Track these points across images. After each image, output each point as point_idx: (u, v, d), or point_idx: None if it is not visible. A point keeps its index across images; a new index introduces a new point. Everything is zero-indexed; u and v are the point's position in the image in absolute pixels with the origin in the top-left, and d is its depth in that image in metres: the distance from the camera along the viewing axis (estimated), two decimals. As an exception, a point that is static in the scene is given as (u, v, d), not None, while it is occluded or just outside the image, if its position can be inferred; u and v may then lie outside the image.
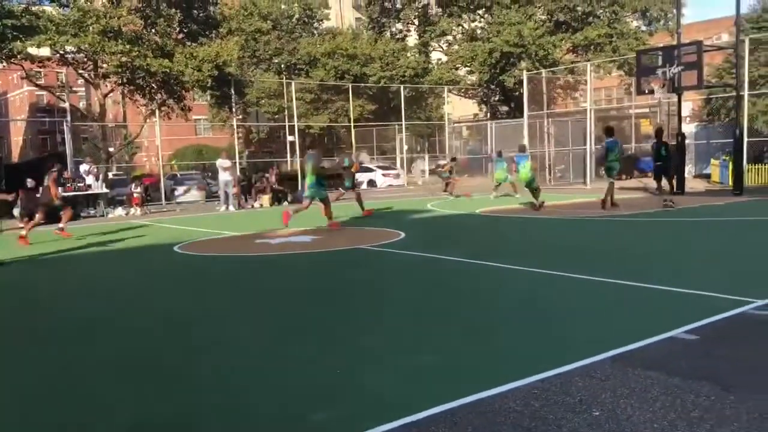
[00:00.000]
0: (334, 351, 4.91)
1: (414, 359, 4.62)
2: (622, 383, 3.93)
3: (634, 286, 6.71)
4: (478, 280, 7.64)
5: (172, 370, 4.65)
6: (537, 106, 28.84)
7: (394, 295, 6.94)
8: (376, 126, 35.67)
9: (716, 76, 26.79)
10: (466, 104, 42.93)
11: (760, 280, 6.85)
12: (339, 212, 14.74)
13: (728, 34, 32.45)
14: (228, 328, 5.80)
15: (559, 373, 4.13)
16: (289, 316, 6.15)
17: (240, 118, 36.18)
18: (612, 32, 31.96)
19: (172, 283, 8.37)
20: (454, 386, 3.97)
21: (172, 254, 10.86)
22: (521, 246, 10.62)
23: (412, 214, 16.31)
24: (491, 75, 33.34)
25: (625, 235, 11.50)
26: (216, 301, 7.09)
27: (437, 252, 9.57)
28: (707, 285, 6.48)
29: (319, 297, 7.02)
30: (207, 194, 26.60)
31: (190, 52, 24.85)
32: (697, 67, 18.30)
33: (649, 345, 4.64)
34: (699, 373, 4.04)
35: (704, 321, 5.17)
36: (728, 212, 14.11)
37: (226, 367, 4.64)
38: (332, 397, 3.96)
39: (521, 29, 30.88)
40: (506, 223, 14.22)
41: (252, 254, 10.45)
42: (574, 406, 3.62)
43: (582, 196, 19.81)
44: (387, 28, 39.23)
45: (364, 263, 9.23)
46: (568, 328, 5.30)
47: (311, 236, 12.42)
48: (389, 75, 35.27)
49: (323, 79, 34.97)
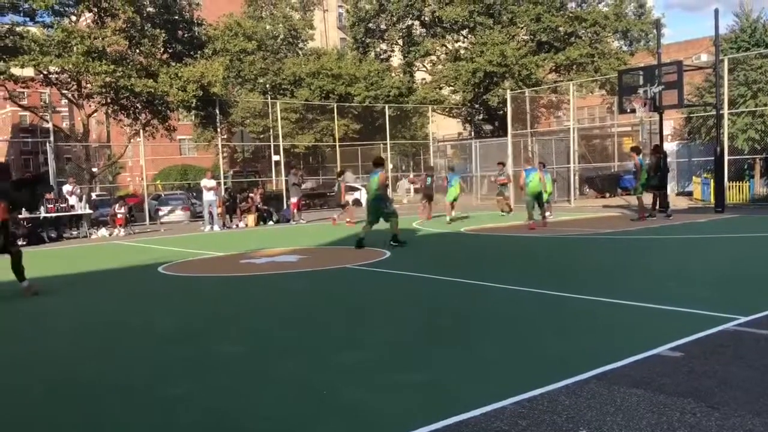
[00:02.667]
0: (318, 371, 4.89)
1: (400, 379, 4.61)
2: (608, 401, 3.94)
3: (618, 304, 6.74)
4: (464, 298, 7.65)
5: (149, 391, 4.59)
6: (521, 125, 29.09)
7: (380, 315, 6.92)
8: (361, 145, 35.79)
9: (696, 95, 27.14)
10: (450, 123, 43.19)
11: (743, 296, 6.91)
12: (322, 233, 14.71)
13: (707, 54, 33.01)
14: (211, 348, 5.76)
15: (546, 391, 4.13)
16: (273, 336, 6.11)
17: (225, 138, 36.16)
18: (594, 52, 32.38)
19: (155, 304, 8.30)
20: (441, 406, 3.96)
21: (156, 275, 10.78)
22: (506, 264, 10.65)
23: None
24: (475, 94, 33.62)
25: (610, 252, 11.57)
26: (199, 321, 7.03)
27: (422, 271, 9.58)
28: (691, 302, 6.53)
29: (304, 316, 6.99)
30: (191, 214, 26.47)
31: (174, 72, 24.84)
32: (677, 86, 18.55)
33: (634, 362, 4.66)
34: (684, 390, 4.06)
35: (688, 338, 5.21)
36: (710, 229, 14.25)
37: (207, 388, 4.59)
38: (317, 418, 3.93)
39: (504, 49, 31.20)
40: (491, 241, 14.26)
41: (237, 275, 10.40)
42: (561, 424, 3.62)
43: (567, 215, 19.93)
44: (372, 49, 39.48)
45: (350, 282, 9.21)
46: (553, 346, 5.31)
47: (297, 255, 12.39)
48: (374, 94, 35.47)
49: (308, 98, 35.10)
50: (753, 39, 26.04)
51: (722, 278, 8.20)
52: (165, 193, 33.05)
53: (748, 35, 26.37)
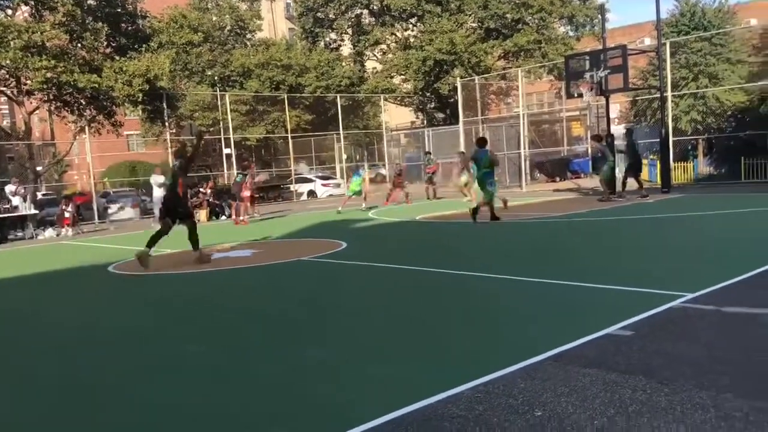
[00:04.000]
0: (279, 366, 4.85)
1: (359, 369, 4.61)
2: (562, 382, 4.01)
3: (570, 285, 6.87)
4: (420, 286, 7.69)
5: (106, 397, 4.49)
6: (472, 113, 29.30)
7: (337, 306, 6.91)
8: (314, 136, 35.56)
9: (641, 78, 27.78)
10: (403, 112, 43.27)
11: (690, 274, 7.12)
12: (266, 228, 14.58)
13: (650, 38, 33.71)
14: (168, 348, 5.66)
15: (502, 375, 4.19)
16: (232, 333, 6.04)
17: (173, 132, 35.47)
18: (541, 38, 32.76)
19: (107, 304, 8.11)
20: (400, 394, 3.97)
21: (106, 274, 10.54)
22: (460, 250, 10.73)
23: (354, 223, 16.30)
24: (426, 82, 33.71)
25: (562, 235, 11.78)
26: (154, 320, 6.91)
27: (378, 260, 9.59)
28: (640, 281, 6.69)
29: (262, 312, 6.93)
30: (142, 211, 25.94)
31: (119, 67, 24.20)
32: (622, 70, 18.94)
33: (587, 343, 4.76)
34: (635, 368, 4.16)
35: (639, 316, 5.34)
36: (658, 209, 14.62)
37: (166, 391, 4.52)
38: (278, 414, 3.91)
39: (453, 37, 31.34)
40: (445, 228, 14.36)
41: (191, 271, 10.23)
42: (517, 407, 3.67)
43: (518, 200, 20.18)
44: (321, 38, 39.17)
45: (306, 275, 9.17)
46: (508, 330, 5.38)
47: (251, 250, 12.26)
48: (325, 85, 35.24)
49: (258, 90, 34.67)
50: (692, 23, 26.75)
51: (670, 257, 8.43)
52: (114, 191, 32.30)
53: (687, 19, 27.07)
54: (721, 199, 16.10)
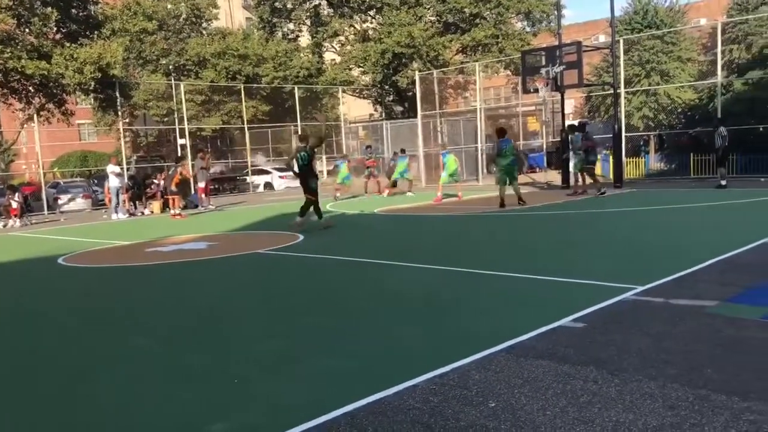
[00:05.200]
0: (230, 360, 4.80)
1: (313, 363, 4.59)
2: (516, 374, 4.06)
3: (524, 278, 6.97)
4: (373, 279, 7.69)
5: (53, 389, 4.38)
6: (430, 106, 29.39)
7: (291, 300, 6.86)
8: (271, 127, 35.18)
9: (595, 75, 28.28)
10: (361, 105, 43.13)
11: (640, 267, 7.28)
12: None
13: (605, 35, 34.35)
14: (116, 341, 5.54)
15: (457, 367, 4.22)
16: (182, 327, 5.95)
17: (127, 122, 34.69)
18: (498, 33, 33.00)
19: (56, 297, 7.90)
20: (354, 388, 3.97)
21: (55, 266, 10.27)
22: (417, 243, 10.78)
23: (311, 216, 16.19)
24: (384, 75, 33.66)
25: (517, 229, 11.92)
26: (103, 314, 6.75)
27: (334, 253, 9.56)
28: (592, 274, 6.82)
29: (214, 305, 6.84)
30: (93, 202, 25.33)
31: (70, 54, 23.50)
32: (577, 66, 19.22)
33: (540, 335, 4.83)
34: (586, 360, 4.24)
35: (591, 309, 5.44)
36: (611, 204, 14.91)
37: (113, 383, 4.42)
38: (230, 407, 3.86)
39: (412, 30, 31.34)
40: (402, 221, 14.40)
41: (143, 264, 10.04)
42: (471, 399, 3.71)
43: (476, 193, 20.35)
44: (278, 29, 38.72)
45: (261, 268, 9.08)
46: (463, 323, 5.42)
47: (206, 242, 12.09)
48: (282, 75, 34.87)
49: (214, 80, 34.13)
50: (645, 21, 27.32)
51: (621, 250, 8.61)
52: (64, 181, 31.44)
53: (641, 17, 27.64)
54: (672, 194, 16.51)
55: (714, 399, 3.51)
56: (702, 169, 21.17)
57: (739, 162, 20.33)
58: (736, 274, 6.49)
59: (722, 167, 17.41)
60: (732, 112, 20.60)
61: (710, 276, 6.50)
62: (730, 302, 5.47)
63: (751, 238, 8.39)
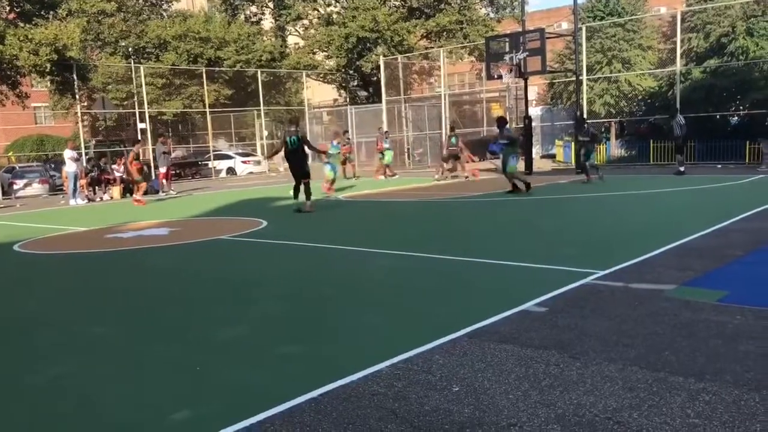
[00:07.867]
0: (192, 348, 4.74)
1: (276, 350, 4.56)
2: (479, 358, 4.09)
3: (486, 263, 7.02)
4: (341, 265, 7.67)
5: (13, 380, 4.27)
6: (394, 92, 29.35)
7: (256, 287, 6.80)
8: (233, 111, 34.72)
9: (558, 61, 28.51)
10: (325, 89, 42.81)
11: (601, 252, 7.40)
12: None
13: (567, 22, 34.64)
14: (75, 331, 5.43)
15: (421, 352, 4.24)
16: (144, 316, 5.85)
17: (85, 106, 33.88)
18: (462, 19, 33.03)
19: (11, 285, 7.71)
20: (318, 374, 3.95)
21: (11, 253, 10.01)
22: (381, 229, 10.78)
23: (274, 201, 16.09)
24: (349, 60, 33.46)
25: (477, 214, 12.00)
26: (62, 302, 6.61)
27: (298, 239, 9.50)
28: (554, 259, 6.90)
29: (176, 293, 6.75)
30: (51, 187, 24.75)
31: (24, 35, 22.83)
32: (540, 53, 19.37)
33: (502, 319, 4.87)
34: (548, 343, 4.29)
35: (553, 293, 5.51)
36: (572, 190, 15.11)
37: (74, 373, 4.33)
38: (193, 395, 3.81)
39: (376, 15, 31.18)
40: (366, 206, 14.38)
41: (102, 250, 9.85)
42: (435, 383, 3.72)
43: (436, 180, 20.42)
44: (241, 11, 38.16)
45: (224, 255, 8.98)
46: (426, 307, 5.44)
47: (167, 228, 11.91)
48: (245, 59, 34.37)
49: (175, 63, 33.49)
50: (607, 9, 27.60)
51: (583, 235, 8.73)
52: (19, 166, 30.62)
53: (603, 5, 27.90)
54: (632, 180, 16.79)
55: (671, 381, 3.59)
56: (661, 156, 21.57)
57: (697, 149, 20.76)
58: (694, 259, 6.64)
59: (680, 154, 17.77)
60: (690, 99, 21.01)
61: (669, 261, 6.63)
62: (688, 286, 5.59)
63: (708, 224, 8.59)
